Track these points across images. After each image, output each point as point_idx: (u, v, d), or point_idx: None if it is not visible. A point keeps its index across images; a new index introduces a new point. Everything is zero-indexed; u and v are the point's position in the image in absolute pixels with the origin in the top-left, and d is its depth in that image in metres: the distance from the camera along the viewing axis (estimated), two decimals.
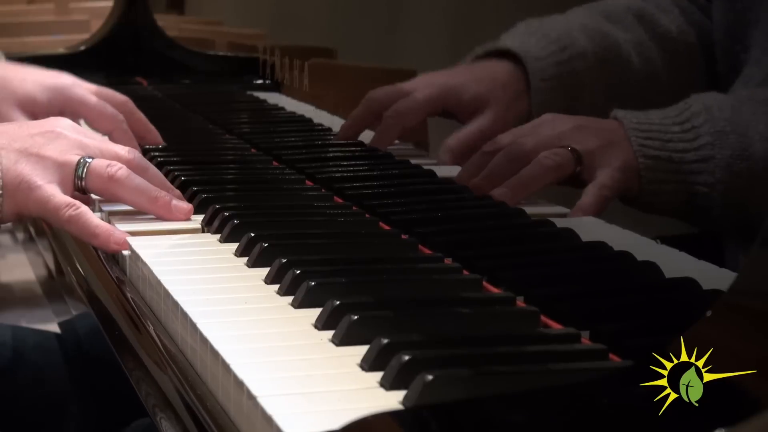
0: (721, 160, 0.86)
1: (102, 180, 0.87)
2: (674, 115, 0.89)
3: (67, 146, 0.89)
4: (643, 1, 1.03)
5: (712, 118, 0.87)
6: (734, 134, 0.86)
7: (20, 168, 0.86)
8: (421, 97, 1.09)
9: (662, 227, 0.92)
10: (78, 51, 1.79)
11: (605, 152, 0.91)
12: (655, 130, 0.89)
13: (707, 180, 0.86)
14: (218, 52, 1.88)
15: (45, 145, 0.88)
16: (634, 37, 1.01)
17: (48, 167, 0.87)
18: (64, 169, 0.88)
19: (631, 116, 0.91)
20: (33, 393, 1.16)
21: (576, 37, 1.02)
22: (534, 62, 1.03)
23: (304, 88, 1.49)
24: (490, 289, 0.71)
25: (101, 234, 0.84)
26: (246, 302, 0.69)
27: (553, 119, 0.96)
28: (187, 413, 0.62)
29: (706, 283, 0.69)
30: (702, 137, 0.87)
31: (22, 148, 0.87)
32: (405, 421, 0.48)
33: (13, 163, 0.86)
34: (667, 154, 0.88)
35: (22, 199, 0.86)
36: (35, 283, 1.73)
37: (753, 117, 0.86)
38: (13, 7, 3.57)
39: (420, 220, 0.86)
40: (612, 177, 0.90)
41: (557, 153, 0.91)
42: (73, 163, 0.88)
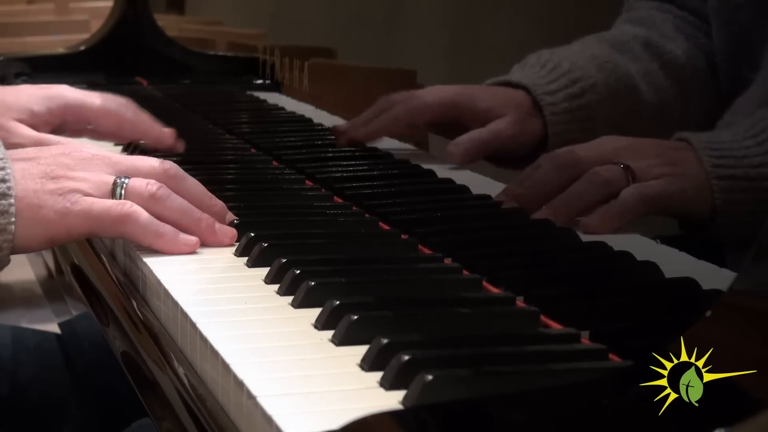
0: None
1: (143, 200, 0.80)
2: (745, 130, 0.84)
3: (99, 166, 0.82)
4: (647, 29, 1.01)
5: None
6: None
7: (49, 189, 0.79)
8: (435, 97, 1.07)
9: (662, 227, 0.92)
10: (78, 51, 1.79)
11: (663, 170, 0.85)
12: (728, 147, 0.83)
13: None
14: (218, 52, 1.88)
15: (73, 167, 0.81)
16: (643, 67, 0.98)
17: (81, 188, 0.80)
18: (100, 189, 0.80)
19: (700, 136, 0.85)
20: (33, 393, 1.16)
21: (587, 69, 1.00)
22: (545, 96, 1.00)
23: (304, 88, 1.49)
24: (490, 289, 0.71)
25: (167, 233, 0.80)
26: (246, 302, 0.69)
27: (612, 137, 0.91)
28: (187, 413, 0.62)
29: (706, 283, 0.69)
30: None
31: (47, 172, 0.80)
32: (405, 421, 0.48)
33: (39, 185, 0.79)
34: (743, 171, 0.82)
35: (58, 221, 0.78)
36: (35, 283, 1.73)
37: None
38: (13, 7, 3.57)
39: (420, 220, 0.86)
40: (661, 185, 0.84)
41: (608, 169, 0.86)
42: (109, 184, 0.81)
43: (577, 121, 1.00)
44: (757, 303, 0.50)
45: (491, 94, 1.04)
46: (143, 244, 0.80)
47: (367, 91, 1.27)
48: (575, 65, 1.00)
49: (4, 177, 0.78)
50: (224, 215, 0.85)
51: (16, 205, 0.77)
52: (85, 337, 1.16)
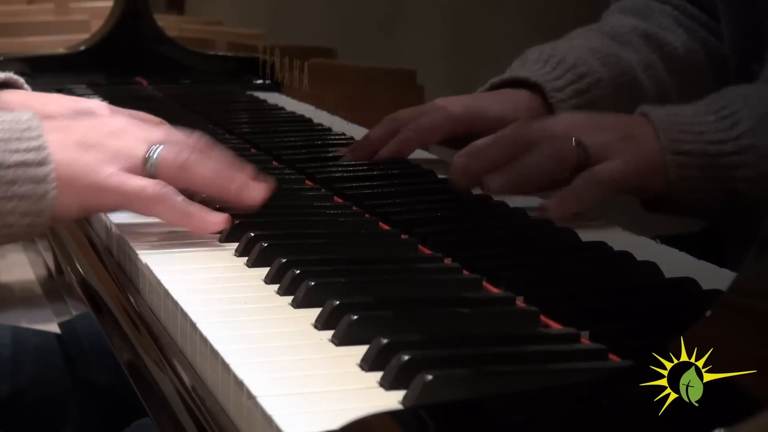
0: (765, 149, 0.78)
1: (174, 169, 0.82)
2: (708, 105, 0.82)
3: (132, 137, 0.83)
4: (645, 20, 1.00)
5: (750, 104, 0.80)
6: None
7: (84, 159, 0.80)
8: (445, 114, 1.04)
9: (662, 227, 0.92)
10: (78, 51, 1.79)
11: (619, 146, 0.84)
12: (688, 122, 0.82)
13: (747, 174, 0.79)
14: (218, 52, 1.88)
15: (107, 137, 0.82)
16: (643, 59, 0.96)
17: (114, 157, 0.81)
18: (132, 160, 0.81)
19: (659, 110, 0.84)
20: (33, 393, 1.16)
21: (592, 63, 0.98)
22: (554, 93, 0.98)
23: (304, 88, 1.49)
24: (490, 289, 0.71)
25: (196, 214, 0.81)
26: (246, 302, 0.69)
27: (569, 114, 0.91)
28: (187, 413, 0.62)
29: (706, 283, 0.69)
30: (741, 124, 0.79)
31: (82, 141, 0.81)
32: (405, 421, 0.48)
33: (76, 155, 0.80)
34: (701, 147, 0.80)
35: (93, 191, 0.80)
36: (35, 283, 1.73)
37: None
38: (13, 7, 3.57)
39: (420, 220, 0.86)
40: (615, 167, 0.84)
41: (558, 143, 0.85)
42: (141, 154, 0.82)
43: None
44: (757, 303, 0.50)
45: (500, 101, 1.02)
46: (173, 224, 0.82)
47: (367, 91, 1.27)
48: (580, 60, 0.99)
49: (41, 145, 0.78)
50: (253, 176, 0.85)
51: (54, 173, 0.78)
52: (85, 337, 1.16)
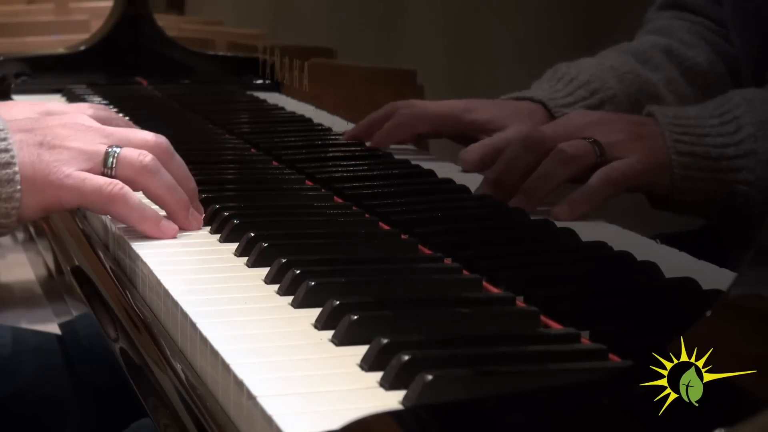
0: (764, 155, 0.80)
1: (133, 169, 0.83)
2: (713, 108, 0.84)
3: (93, 136, 0.85)
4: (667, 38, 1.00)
5: (753, 110, 0.82)
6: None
7: (44, 160, 0.81)
8: (438, 108, 1.08)
9: (662, 227, 0.91)
10: (78, 51, 1.79)
11: (631, 145, 0.86)
12: (692, 125, 0.83)
13: (747, 178, 0.80)
14: (218, 52, 1.88)
15: (68, 137, 0.84)
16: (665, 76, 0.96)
17: (74, 157, 0.82)
18: (92, 160, 0.83)
19: (666, 111, 0.86)
20: (33, 394, 1.16)
21: (606, 80, 0.99)
22: (562, 109, 0.99)
23: (304, 88, 1.49)
24: (490, 289, 0.71)
25: (151, 218, 0.83)
26: (246, 302, 0.69)
27: (581, 113, 0.93)
28: (187, 413, 0.62)
29: (706, 283, 0.69)
30: (743, 129, 0.81)
31: (44, 141, 0.83)
32: (405, 421, 0.48)
33: (35, 156, 0.81)
34: (704, 150, 0.82)
35: (52, 192, 0.81)
36: (35, 283, 1.73)
37: None
38: (13, 7, 3.57)
39: (420, 220, 0.86)
40: (628, 164, 0.85)
41: (574, 144, 0.87)
42: (101, 153, 0.83)
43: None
44: (757, 303, 0.50)
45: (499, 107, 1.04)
46: (127, 224, 0.84)
47: (367, 91, 1.27)
48: (594, 76, 0.99)
49: (6, 147, 0.80)
50: (196, 196, 0.89)
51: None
52: (85, 337, 1.16)
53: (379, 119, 1.13)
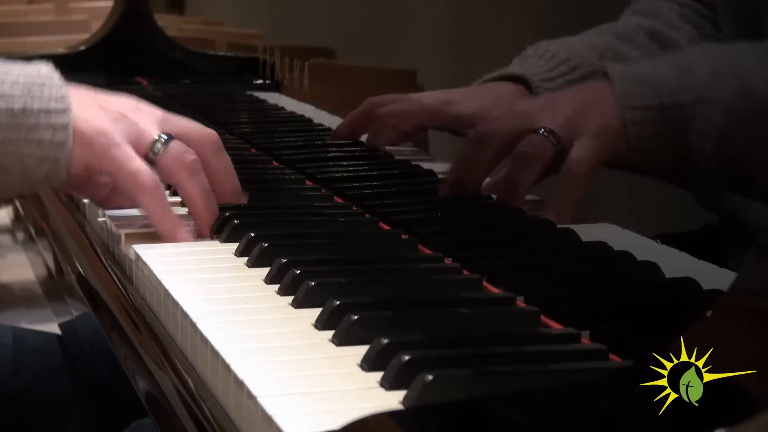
0: (720, 102, 0.78)
1: (175, 164, 0.84)
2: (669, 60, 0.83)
3: (148, 117, 0.86)
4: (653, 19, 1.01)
5: (709, 58, 0.81)
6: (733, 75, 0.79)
7: (99, 121, 0.83)
8: (418, 103, 1.08)
9: (662, 227, 0.92)
10: (78, 51, 1.79)
11: (582, 120, 0.85)
12: (645, 74, 0.82)
13: (702, 128, 0.79)
14: (218, 52, 1.88)
15: (126, 109, 0.86)
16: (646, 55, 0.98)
17: (126, 129, 0.84)
18: (141, 137, 0.84)
19: (620, 67, 0.85)
20: (33, 394, 1.16)
21: (587, 57, 0.99)
22: (542, 84, 0.99)
23: (304, 88, 1.49)
24: (490, 289, 0.71)
25: (168, 222, 0.83)
26: (246, 302, 0.69)
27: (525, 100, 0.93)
28: (187, 413, 0.63)
29: (706, 283, 0.69)
30: (699, 76, 0.80)
31: (103, 106, 0.85)
32: (405, 421, 0.48)
33: (92, 114, 0.83)
34: (657, 101, 0.81)
35: (98, 152, 0.82)
36: (35, 283, 1.73)
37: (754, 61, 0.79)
38: (13, 7, 3.57)
39: (420, 220, 0.86)
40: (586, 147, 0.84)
41: (530, 142, 0.86)
42: (150, 137, 0.84)
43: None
44: (757, 303, 0.50)
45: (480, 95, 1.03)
46: (149, 217, 0.83)
47: (367, 91, 1.27)
48: (574, 54, 0.99)
49: (62, 95, 0.82)
50: (239, 196, 0.89)
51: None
52: (85, 337, 1.16)
53: (358, 118, 1.14)
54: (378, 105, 1.11)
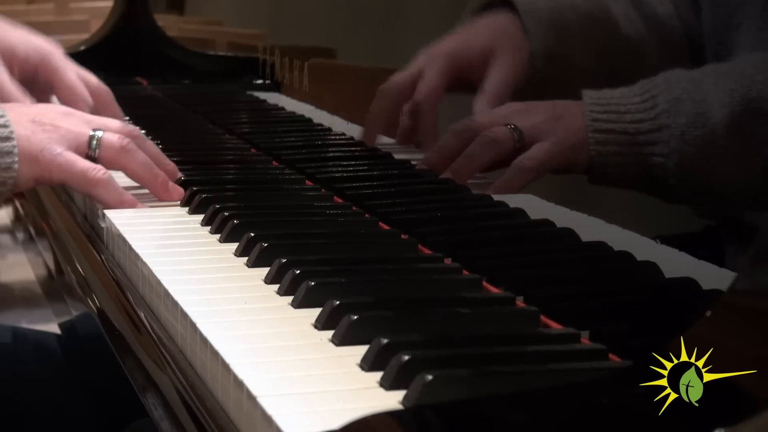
0: (676, 128, 0.86)
1: (114, 151, 0.94)
2: (637, 88, 0.90)
3: (78, 121, 0.95)
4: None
5: (670, 88, 0.88)
6: (690, 102, 0.86)
7: (39, 137, 0.91)
8: (434, 73, 1.10)
9: (662, 227, 0.92)
10: (78, 51, 1.78)
11: (549, 128, 0.94)
12: (614, 104, 0.90)
13: (662, 150, 0.87)
14: (218, 52, 1.88)
15: (56, 119, 0.94)
16: (623, 9, 1.03)
17: (63, 137, 0.92)
18: (78, 140, 0.93)
19: (594, 93, 0.92)
20: (33, 394, 1.16)
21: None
22: (526, 5, 1.04)
23: (304, 88, 1.49)
24: (490, 289, 0.71)
25: (128, 201, 0.92)
26: (246, 302, 0.69)
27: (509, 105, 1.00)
28: (187, 413, 0.62)
29: (706, 283, 0.69)
30: (659, 106, 0.87)
31: (36, 120, 0.92)
32: (405, 421, 0.48)
33: (30, 132, 0.91)
34: (622, 126, 0.89)
35: (45, 165, 0.90)
36: (35, 283, 1.73)
37: (713, 86, 0.86)
38: (13, 7, 3.57)
39: (420, 220, 0.86)
40: (543, 150, 0.93)
41: (495, 130, 0.96)
42: (86, 135, 0.94)
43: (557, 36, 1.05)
44: (757, 303, 0.50)
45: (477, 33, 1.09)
46: (107, 205, 0.92)
47: (367, 91, 1.27)
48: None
49: (5, 123, 0.90)
50: (176, 175, 0.99)
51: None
52: (85, 337, 1.16)
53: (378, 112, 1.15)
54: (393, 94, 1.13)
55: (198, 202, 0.92)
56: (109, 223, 0.89)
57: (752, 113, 0.83)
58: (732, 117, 0.84)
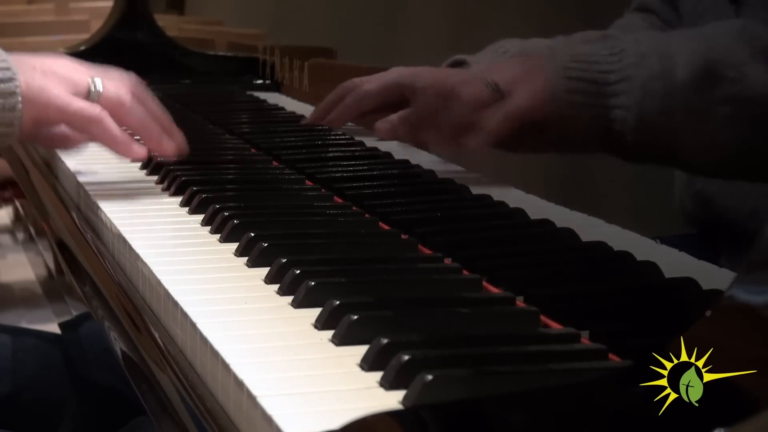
0: (638, 79, 0.88)
1: (112, 104, 0.96)
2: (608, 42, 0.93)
3: (78, 70, 0.98)
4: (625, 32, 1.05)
5: (638, 44, 0.90)
6: (656, 56, 0.88)
7: (38, 80, 0.94)
8: (378, 83, 1.15)
9: (662, 227, 0.92)
10: (78, 51, 1.79)
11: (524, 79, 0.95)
12: (584, 54, 0.92)
13: (624, 102, 0.88)
14: (218, 52, 1.88)
15: (57, 65, 0.97)
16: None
17: (63, 82, 0.96)
18: (77, 86, 0.96)
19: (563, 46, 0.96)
20: (33, 393, 1.16)
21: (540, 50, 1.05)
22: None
23: (304, 88, 1.49)
24: (490, 289, 0.71)
25: (122, 141, 0.96)
26: (246, 302, 0.69)
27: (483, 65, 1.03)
28: (187, 413, 0.63)
29: (706, 283, 0.69)
30: (626, 59, 0.89)
31: (37, 66, 0.96)
32: (404, 421, 0.48)
33: (30, 76, 0.94)
34: (591, 75, 0.90)
35: (42, 106, 0.94)
36: (35, 283, 1.73)
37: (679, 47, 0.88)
38: (13, 7, 3.57)
39: (420, 220, 0.86)
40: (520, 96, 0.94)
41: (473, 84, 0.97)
42: (86, 83, 0.96)
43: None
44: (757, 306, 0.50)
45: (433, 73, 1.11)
46: (102, 143, 0.97)
47: None
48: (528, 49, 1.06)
49: (8, 66, 0.93)
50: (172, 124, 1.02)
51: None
52: (85, 337, 1.16)
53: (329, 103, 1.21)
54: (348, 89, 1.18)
55: (198, 202, 0.92)
56: (109, 223, 0.89)
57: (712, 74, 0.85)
58: (693, 74, 0.85)
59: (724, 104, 0.84)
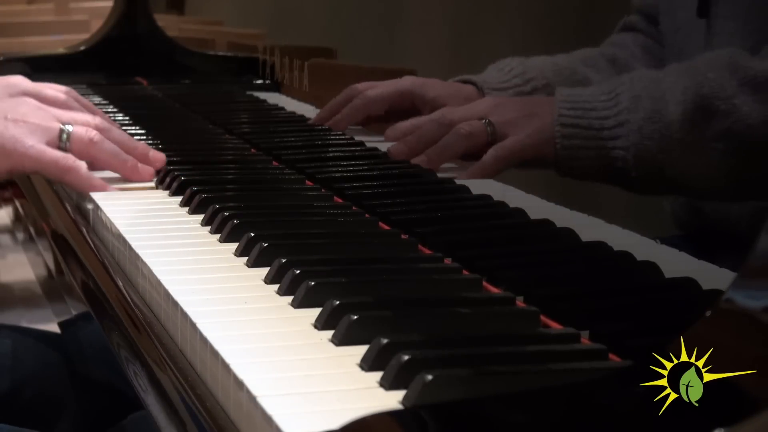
0: (635, 123, 0.92)
1: (83, 144, 1.01)
2: (606, 86, 0.96)
3: (48, 116, 1.02)
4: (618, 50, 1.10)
5: (632, 86, 0.94)
6: (649, 99, 0.91)
7: (11, 131, 0.98)
8: (389, 88, 1.18)
9: (662, 227, 0.92)
10: (78, 51, 1.79)
11: (521, 123, 1.00)
12: (582, 101, 0.96)
13: (623, 144, 0.92)
14: (218, 52, 1.88)
15: (27, 114, 1.01)
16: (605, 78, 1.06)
17: (35, 131, 0.99)
18: (48, 134, 1.00)
19: (566, 90, 0.98)
20: (33, 393, 1.16)
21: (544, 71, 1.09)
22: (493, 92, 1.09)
23: (304, 88, 1.49)
24: (490, 289, 0.71)
25: (98, 185, 0.99)
26: (246, 302, 0.69)
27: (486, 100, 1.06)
28: (187, 413, 0.62)
29: (706, 283, 0.69)
30: (621, 103, 0.93)
31: (8, 116, 0.99)
32: (404, 421, 0.48)
33: (3, 127, 0.98)
34: (587, 122, 0.95)
35: (17, 158, 0.98)
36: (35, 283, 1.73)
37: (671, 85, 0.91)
38: (13, 7, 3.58)
39: (420, 220, 0.86)
40: (515, 141, 0.99)
41: (471, 124, 1.02)
42: (56, 130, 1.01)
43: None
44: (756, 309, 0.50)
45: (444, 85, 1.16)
46: (78, 190, 1.00)
47: None
48: (531, 69, 1.10)
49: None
50: (147, 153, 1.06)
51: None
52: (85, 336, 1.16)
53: (337, 104, 1.25)
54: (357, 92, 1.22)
55: (198, 202, 0.92)
56: (109, 224, 0.89)
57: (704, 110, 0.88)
58: (685, 113, 0.88)
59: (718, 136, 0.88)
